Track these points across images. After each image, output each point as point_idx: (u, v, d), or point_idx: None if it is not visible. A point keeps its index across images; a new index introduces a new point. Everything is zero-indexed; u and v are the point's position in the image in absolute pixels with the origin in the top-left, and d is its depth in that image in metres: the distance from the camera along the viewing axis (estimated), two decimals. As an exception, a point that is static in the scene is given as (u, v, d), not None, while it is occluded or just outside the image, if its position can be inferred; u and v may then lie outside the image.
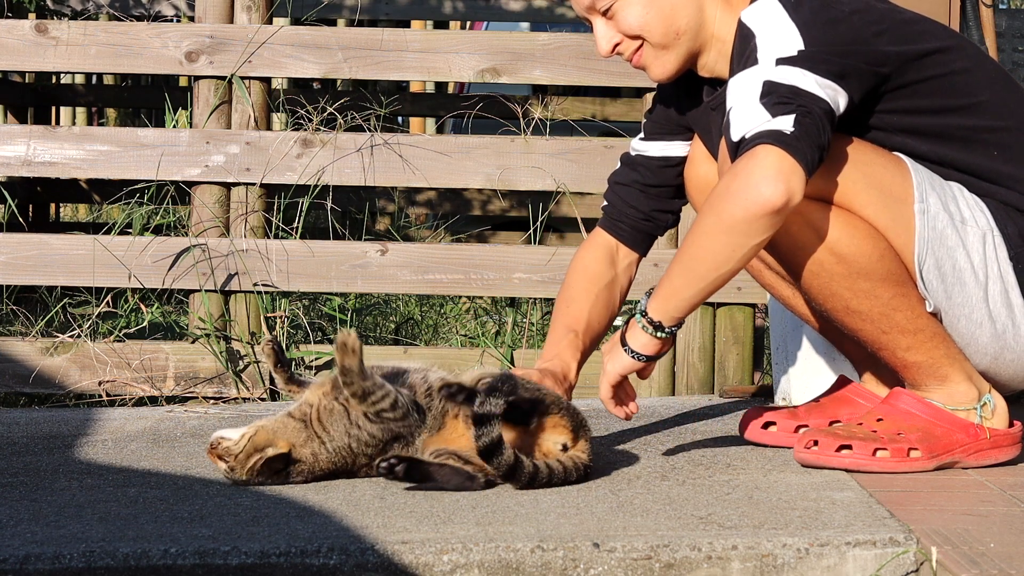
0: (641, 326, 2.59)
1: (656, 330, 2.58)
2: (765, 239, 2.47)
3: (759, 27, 2.52)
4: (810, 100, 2.44)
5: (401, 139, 3.87)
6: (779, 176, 2.41)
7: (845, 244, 2.52)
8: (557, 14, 7.77)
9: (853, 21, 2.53)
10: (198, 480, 2.61)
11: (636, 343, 2.61)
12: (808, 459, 2.60)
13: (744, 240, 2.46)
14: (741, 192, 2.43)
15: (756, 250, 2.48)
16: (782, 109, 2.44)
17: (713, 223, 2.47)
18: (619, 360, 2.63)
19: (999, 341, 2.62)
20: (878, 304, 2.55)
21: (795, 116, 2.43)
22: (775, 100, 2.45)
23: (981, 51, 2.70)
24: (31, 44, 3.88)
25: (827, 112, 2.46)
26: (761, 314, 3.90)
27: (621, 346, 2.62)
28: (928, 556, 2.02)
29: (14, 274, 3.86)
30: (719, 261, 2.49)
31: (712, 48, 2.69)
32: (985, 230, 2.59)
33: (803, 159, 2.42)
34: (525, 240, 4.31)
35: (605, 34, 2.69)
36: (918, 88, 2.57)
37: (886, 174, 2.56)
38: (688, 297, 2.54)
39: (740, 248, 2.47)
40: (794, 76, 2.46)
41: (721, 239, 2.47)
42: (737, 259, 2.48)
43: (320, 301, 4.57)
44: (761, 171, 2.42)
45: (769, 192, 2.41)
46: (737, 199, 2.43)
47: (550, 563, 2.05)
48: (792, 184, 2.41)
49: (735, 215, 2.44)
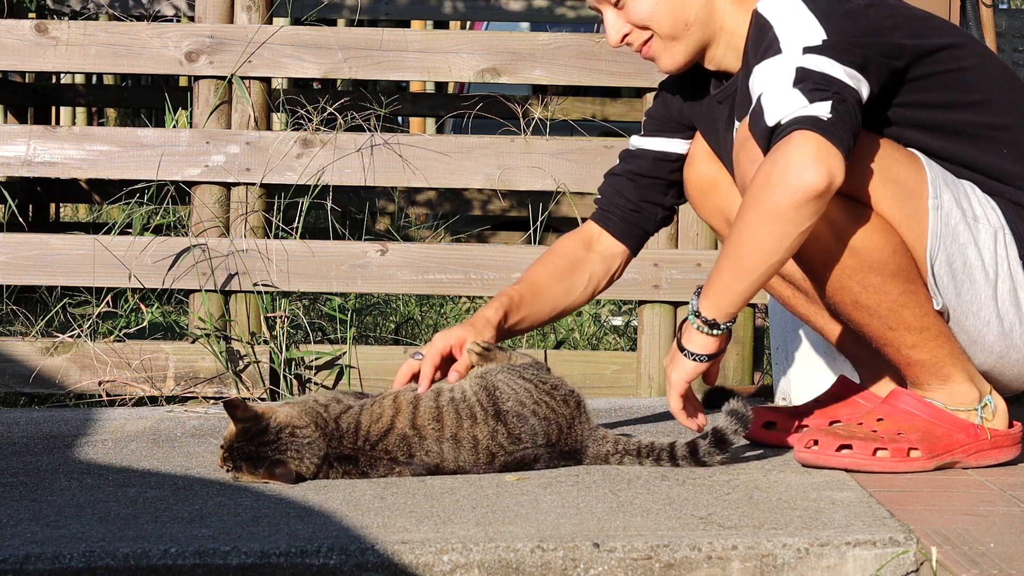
0: (696, 327, 2.57)
1: (711, 328, 2.55)
2: (811, 225, 2.45)
3: (777, 18, 2.53)
4: (843, 88, 2.45)
5: (401, 139, 3.87)
6: (819, 160, 2.40)
7: (859, 237, 2.52)
8: (557, 14, 7.77)
9: (869, 14, 2.53)
10: (198, 480, 2.61)
11: (694, 345, 2.58)
12: (808, 459, 2.60)
13: (791, 228, 2.44)
14: (783, 180, 2.42)
15: (803, 237, 2.46)
16: (819, 95, 2.43)
17: (757, 214, 2.45)
18: (681, 367, 2.60)
19: (1005, 340, 2.62)
20: (887, 300, 2.55)
21: (832, 103, 2.42)
22: (811, 86, 2.44)
23: (989, 50, 2.70)
24: (31, 44, 3.88)
25: (857, 101, 2.46)
26: (761, 314, 3.90)
27: (680, 352, 2.60)
28: (928, 556, 2.02)
29: (14, 274, 3.86)
30: (767, 252, 2.47)
31: (721, 41, 2.70)
32: (996, 228, 2.59)
33: (841, 144, 2.41)
34: (525, 240, 4.32)
35: (615, 24, 2.70)
36: (931, 82, 2.58)
37: (901, 169, 2.56)
38: (740, 291, 2.52)
39: (788, 237, 2.45)
40: (824, 64, 2.46)
41: (767, 228, 2.45)
42: (785, 248, 2.47)
43: (320, 301, 4.57)
44: (800, 157, 2.41)
45: (811, 177, 2.40)
46: (779, 187, 2.42)
47: (550, 563, 2.05)
48: (833, 168, 2.40)
49: (780, 204, 2.42)
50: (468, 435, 2.57)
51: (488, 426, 2.57)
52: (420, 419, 2.57)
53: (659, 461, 2.64)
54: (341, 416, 2.56)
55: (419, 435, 2.56)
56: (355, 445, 2.55)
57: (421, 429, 2.56)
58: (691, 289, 3.77)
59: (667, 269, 3.76)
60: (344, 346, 3.82)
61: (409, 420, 2.57)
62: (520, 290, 2.88)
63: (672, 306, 3.81)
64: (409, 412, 2.57)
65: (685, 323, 2.60)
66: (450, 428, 2.57)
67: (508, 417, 2.57)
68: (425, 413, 2.58)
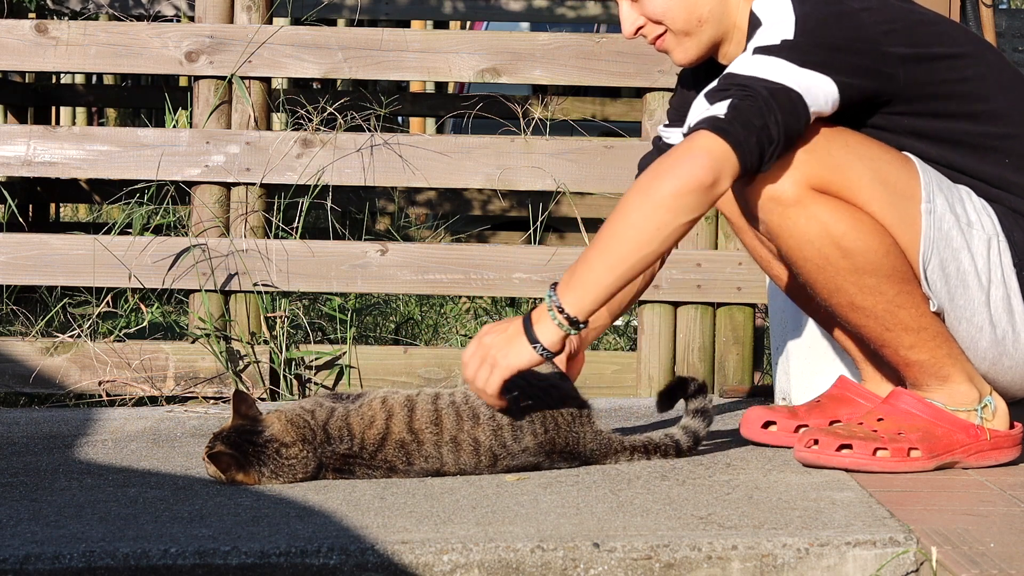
0: (556, 322, 2.46)
1: (572, 326, 2.46)
2: (692, 220, 2.45)
3: (765, 17, 2.56)
4: (758, 85, 2.46)
5: (401, 139, 3.87)
6: (707, 155, 2.43)
7: (851, 238, 2.52)
8: (557, 14, 7.77)
9: (861, 18, 2.53)
10: (198, 480, 2.61)
11: (546, 337, 2.46)
12: (808, 458, 2.60)
13: (669, 217, 2.44)
14: (669, 170, 2.45)
15: (681, 231, 2.46)
16: (718, 97, 2.48)
17: (638, 200, 2.45)
18: (520, 354, 2.47)
19: (998, 347, 2.61)
20: (883, 300, 2.55)
21: (730, 101, 2.46)
22: (714, 90, 2.50)
23: (1000, 57, 2.67)
24: (31, 44, 3.88)
25: (785, 95, 2.46)
26: (761, 314, 3.90)
27: (525, 336, 2.47)
28: (928, 556, 2.02)
29: (14, 274, 3.86)
30: (642, 241, 2.44)
31: (733, 37, 2.71)
32: (991, 235, 2.58)
33: (734, 140, 2.43)
34: (525, 240, 4.32)
35: (629, 16, 2.72)
36: (928, 91, 2.57)
37: (893, 171, 2.56)
38: (607, 285, 2.46)
39: (665, 226, 2.44)
40: (760, 65, 2.49)
41: (645, 216, 2.44)
42: (662, 239, 2.45)
43: (320, 301, 4.57)
44: (689, 152, 2.44)
45: (696, 169, 2.42)
46: (665, 177, 2.45)
47: (550, 563, 2.05)
48: (720, 164, 2.43)
49: (662, 191, 2.44)
50: (469, 437, 2.57)
51: (490, 427, 2.57)
52: (417, 423, 2.57)
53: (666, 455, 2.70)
54: (329, 422, 2.56)
55: (417, 440, 2.56)
56: (350, 451, 2.55)
57: (419, 433, 2.56)
58: (692, 289, 3.77)
59: (667, 269, 3.75)
60: (344, 346, 3.82)
61: (406, 424, 2.57)
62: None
63: (672, 306, 3.81)
64: (404, 415, 2.57)
65: (539, 310, 2.49)
66: (449, 431, 2.56)
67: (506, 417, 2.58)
68: (423, 416, 2.58)
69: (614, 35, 3.85)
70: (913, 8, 2.63)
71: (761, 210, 2.53)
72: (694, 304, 3.81)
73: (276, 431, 2.53)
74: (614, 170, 3.82)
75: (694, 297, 3.79)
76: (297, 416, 2.56)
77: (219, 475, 2.53)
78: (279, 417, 2.56)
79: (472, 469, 2.57)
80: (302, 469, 2.53)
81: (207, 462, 2.54)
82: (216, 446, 2.53)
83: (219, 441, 2.54)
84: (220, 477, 2.53)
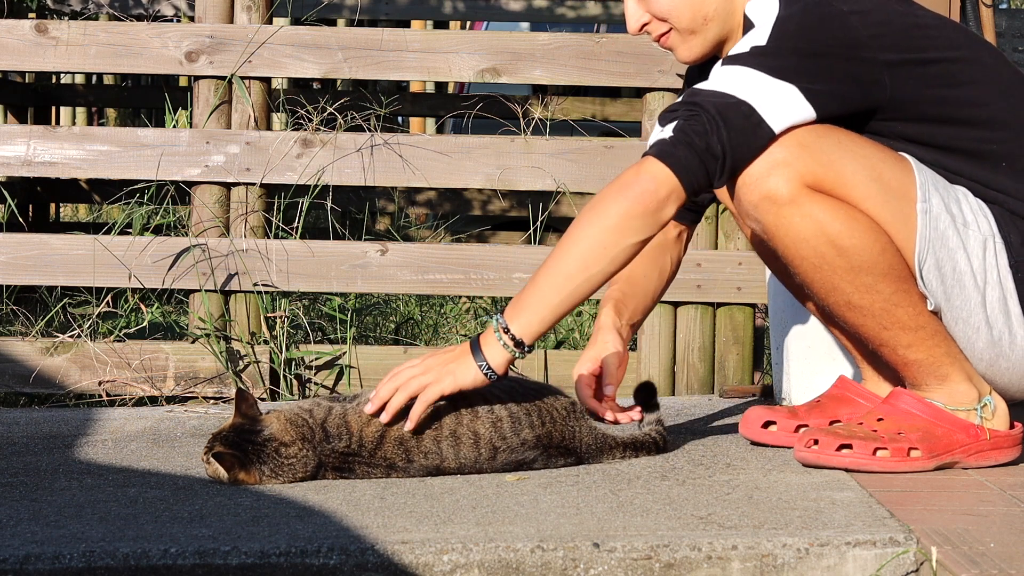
0: (502, 343, 2.51)
1: (517, 347, 2.50)
2: (640, 241, 2.50)
3: (756, 19, 2.58)
4: (708, 102, 2.49)
5: (401, 139, 3.87)
6: (652, 180, 2.48)
7: (847, 237, 2.52)
8: (557, 14, 7.77)
9: (849, 21, 2.52)
10: (198, 480, 2.61)
11: (493, 358, 2.51)
12: (808, 458, 2.60)
13: (616, 238, 2.48)
14: (617, 194, 2.50)
15: (630, 251, 2.50)
16: (668, 119, 2.53)
17: (585, 222, 2.50)
18: (466, 373, 2.52)
19: (994, 348, 2.61)
20: (879, 299, 2.55)
21: (676, 123, 2.50)
22: (667, 111, 2.54)
23: (999, 59, 2.65)
24: (31, 44, 3.88)
25: (735, 110, 2.48)
26: (761, 314, 3.90)
27: (472, 357, 2.52)
28: (928, 556, 2.02)
29: (14, 274, 3.86)
30: (589, 260, 2.49)
31: (737, 35, 2.71)
32: (987, 235, 2.58)
33: (676, 163, 2.48)
34: (525, 240, 4.32)
35: (635, 12, 2.73)
36: (921, 97, 2.56)
37: (888, 170, 2.55)
38: (554, 305, 2.50)
39: (613, 246, 2.48)
40: (721, 78, 2.52)
41: (592, 235, 2.49)
42: (609, 258, 2.49)
43: (320, 301, 4.57)
44: (636, 176, 2.49)
45: (641, 194, 2.47)
46: (612, 200, 2.49)
47: (550, 563, 2.05)
48: (665, 190, 2.48)
49: (608, 211, 2.48)
50: (468, 431, 2.57)
51: (489, 419, 2.58)
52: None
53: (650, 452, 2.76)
54: (327, 420, 2.57)
55: (416, 436, 2.56)
56: (348, 448, 2.55)
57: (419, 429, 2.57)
58: (692, 289, 3.77)
59: (667, 269, 3.75)
60: (344, 346, 3.82)
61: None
62: (620, 288, 2.92)
63: (672, 306, 3.81)
64: None
65: (486, 333, 2.52)
66: (449, 426, 2.57)
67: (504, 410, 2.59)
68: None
69: (614, 35, 3.85)
70: (910, 11, 2.61)
71: (756, 209, 2.53)
72: (694, 304, 3.81)
73: (275, 430, 2.53)
74: (614, 170, 3.81)
75: (694, 297, 3.79)
76: (296, 415, 2.56)
77: (219, 475, 2.53)
78: (278, 416, 2.56)
79: (472, 463, 2.58)
80: (302, 468, 2.54)
81: (208, 462, 2.54)
82: (215, 446, 2.53)
83: (218, 441, 2.54)
84: (221, 477, 2.53)
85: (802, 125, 2.51)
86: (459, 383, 2.52)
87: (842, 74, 2.52)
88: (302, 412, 2.58)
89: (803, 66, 2.50)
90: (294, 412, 2.58)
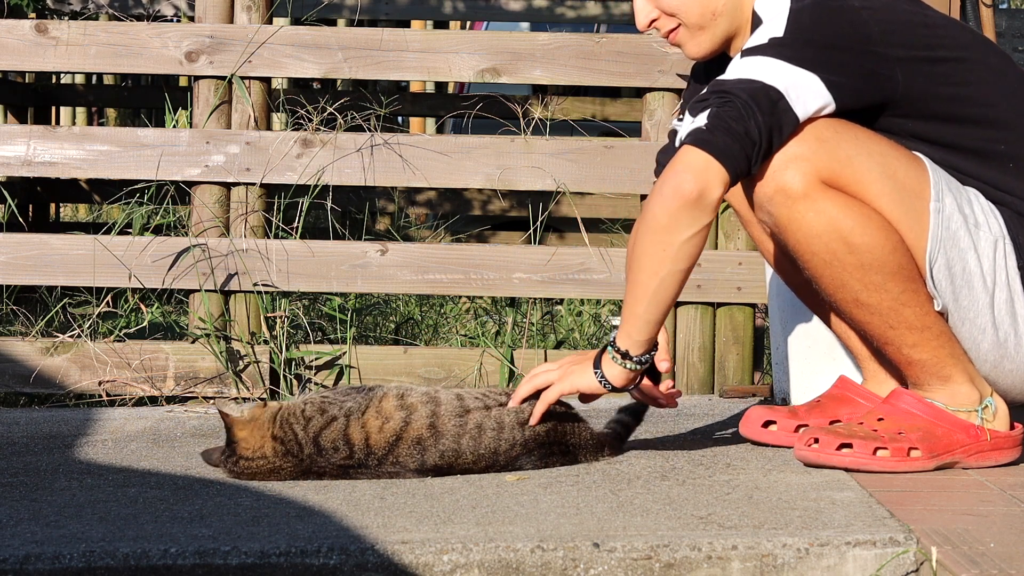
0: (613, 359, 2.62)
1: (624, 359, 2.61)
2: (692, 235, 2.50)
3: (765, 15, 2.58)
4: (738, 88, 2.49)
5: (401, 139, 3.87)
6: (690, 169, 2.48)
7: (858, 234, 2.51)
8: (557, 14, 7.78)
9: (860, 16, 2.53)
10: (198, 480, 2.61)
11: (608, 370, 2.63)
12: (808, 457, 2.60)
13: (668, 237, 2.50)
14: (657, 193, 2.52)
15: (688, 248, 2.52)
16: (699, 107, 2.52)
17: (641, 231, 2.55)
18: (583, 379, 2.65)
19: (1000, 349, 2.61)
20: (887, 298, 2.55)
21: (710, 110, 2.50)
22: (698, 101, 2.54)
23: (1005, 60, 2.65)
24: (31, 44, 3.88)
25: (764, 95, 2.48)
26: (761, 314, 3.90)
27: (592, 365, 2.64)
28: (928, 556, 2.02)
29: (14, 274, 3.86)
30: (654, 266, 2.53)
31: (745, 32, 2.71)
32: (997, 237, 2.58)
33: (716, 149, 2.47)
34: (525, 240, 4.31)
35: (643, 8, 2.73)
36: (930, 95, 2.56)
37: (903, 168, 2.55)
38: (641, 314, 2.57)
39: (669, 246, 2.51)
40: (744, 67, 2.52)
41: (649, 241, 2.52)
42: (671, 258, 2.52)
43: (320, 301, 4.57)
44: (672, 170, 2.50)
45: (681, 185, 2.48)
46: (655, 200, 2.52)
47: (550, 563, 2.05)
48: (704, 176, 2.48)
49: (656, 214, 2.51)
50: (493, 422, 2.60)
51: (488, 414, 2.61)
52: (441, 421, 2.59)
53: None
54: (323, 433, 2.57)
55: (436, 434, 2.58)
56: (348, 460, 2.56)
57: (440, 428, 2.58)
58: (692, 289, 3.77)
59: (667, 269, 3.75)
60: (344, 346, 3.82)
61: (428, 422, 2.58)
62: None
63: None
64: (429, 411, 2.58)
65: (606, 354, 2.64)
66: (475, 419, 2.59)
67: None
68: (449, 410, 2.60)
69: (614, 35, 3.85)
70: (919, 10, 2.62)
71: (769, 203, 2.53)
72: (694, 304, 3.81)
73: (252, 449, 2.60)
74: (614, 170, 3.82)
75: (694, 297, 3.79)
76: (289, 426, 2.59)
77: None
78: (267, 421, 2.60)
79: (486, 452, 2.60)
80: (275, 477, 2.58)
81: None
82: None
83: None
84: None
85: (822, 116, 2.51)
86: (576, 385, 2.65)
87: (857, 67, 2.52)
88: (296, 423, 2.57)
89: (821, 57, 2.50)
90: (286, 419, 2.58)
